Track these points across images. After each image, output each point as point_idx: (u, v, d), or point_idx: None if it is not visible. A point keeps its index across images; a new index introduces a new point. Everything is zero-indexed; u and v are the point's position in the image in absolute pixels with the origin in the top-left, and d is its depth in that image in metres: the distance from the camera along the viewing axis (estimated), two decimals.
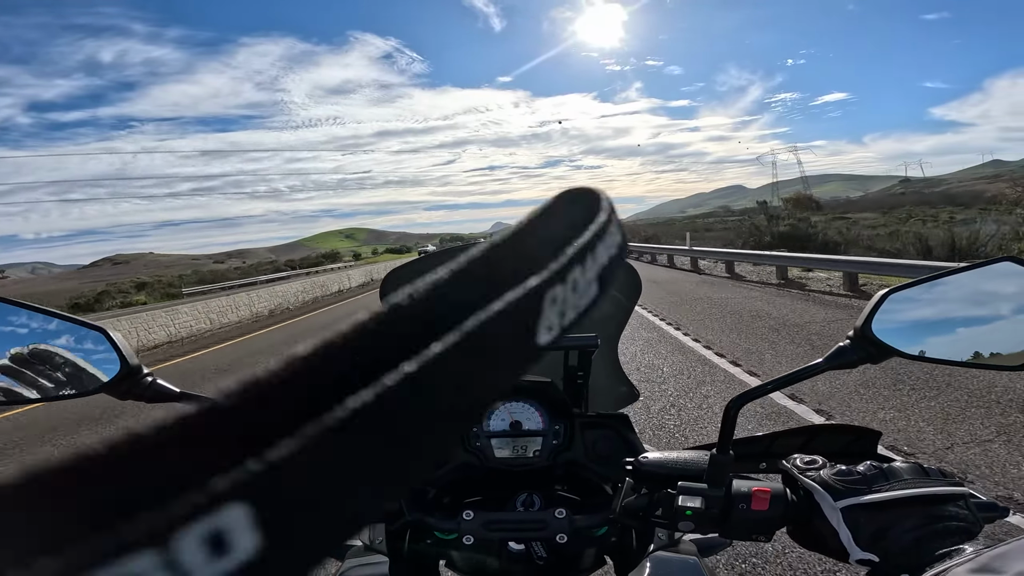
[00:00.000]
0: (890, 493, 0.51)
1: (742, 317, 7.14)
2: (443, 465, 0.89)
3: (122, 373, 0.57)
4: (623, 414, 0.92)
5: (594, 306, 0.16)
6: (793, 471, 0.60)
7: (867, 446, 0.76)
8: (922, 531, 0.48)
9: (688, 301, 9.00)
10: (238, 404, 0.11)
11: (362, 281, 24.67)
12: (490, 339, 0.13)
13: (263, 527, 0.10)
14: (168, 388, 0.61)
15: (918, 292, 0.54)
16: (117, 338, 0.57)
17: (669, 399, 4.18)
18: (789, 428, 0.79)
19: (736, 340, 5.87)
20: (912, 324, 0.54)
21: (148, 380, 0.60)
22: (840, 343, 0.57)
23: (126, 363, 0.57)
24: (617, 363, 1.06)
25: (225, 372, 7.36)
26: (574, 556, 0.83)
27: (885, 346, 0.54)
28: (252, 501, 0.10)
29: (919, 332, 0.54)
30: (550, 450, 0.88)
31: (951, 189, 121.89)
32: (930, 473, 0.53)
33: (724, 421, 0.60)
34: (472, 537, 0.74)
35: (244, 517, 0.10)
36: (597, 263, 0.16)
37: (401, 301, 0.13)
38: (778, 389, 0.58)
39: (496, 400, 0.89)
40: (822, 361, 0.56)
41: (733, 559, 2.56)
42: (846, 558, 0.52)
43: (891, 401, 3.75)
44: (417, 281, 0.13)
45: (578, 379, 0.95)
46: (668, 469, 0.65)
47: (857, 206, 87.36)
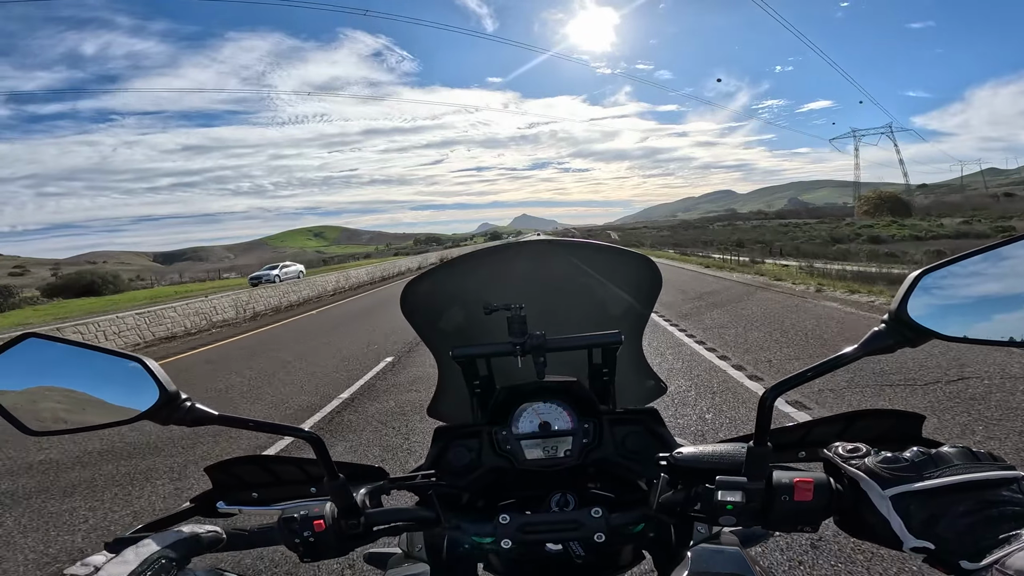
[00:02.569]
0: (941, 480, 0.50)
1: None
2: (475, 469, 0.90)
3: (162, 400, 0.59)
4: (652, 408, 0.91)
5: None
6: (836, 460, 0.59)
7: (910, 430, 0.74)
8: (977, 516, 0.47)
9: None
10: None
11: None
12: None
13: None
14: (207, 411, 0.62)
15: (954, 271, 0.52)
16: (154, 366, 0.59)
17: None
18: (825, 416, 0.78)
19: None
20: (950, 304, 0.52)
21: (187, 405, 0.61)
22: (875, 328, 0.55)
23: (165, 391, 0.59)
24: (642, 357, 1.05)
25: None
26: (612, 554, 0.83)
27: (922, 328, 0.52)
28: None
29: (958, 312, 0.52)
30: (580, 449, 0.87)
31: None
32: (980, 457, 0.51)
33: (760, 412, 0.59)
34: (510, 541, 0.75)
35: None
36: None
37: None
38: (815, 377, 0.56)
39: (523, 402, 0.89)
40: (858, 347, 0.55)
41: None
42: (899, 546, 0.51)
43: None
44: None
45: (603, 376, 0.95)
46: (705, 463, 0.65)
47: (949, 208, 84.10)
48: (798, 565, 2.42)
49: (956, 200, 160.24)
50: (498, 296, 0.88)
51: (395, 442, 4.43)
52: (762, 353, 6.47)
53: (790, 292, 11.96)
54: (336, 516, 0.67)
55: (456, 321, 1.02)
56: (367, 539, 0.70)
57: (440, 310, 1.02)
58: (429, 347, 1.04)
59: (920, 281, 0.52)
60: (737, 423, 4.23)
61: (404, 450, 4.21)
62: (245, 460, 0.86)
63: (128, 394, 0.59)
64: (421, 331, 1.02)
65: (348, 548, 0.69)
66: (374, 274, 31.51)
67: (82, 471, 4.44)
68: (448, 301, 1.01)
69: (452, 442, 0.91)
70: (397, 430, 4.73)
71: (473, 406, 0.99)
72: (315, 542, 0.65)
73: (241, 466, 0.86)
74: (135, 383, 0.59)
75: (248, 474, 0.86)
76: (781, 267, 19.59)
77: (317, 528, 0.64)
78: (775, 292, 12.21)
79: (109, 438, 5.15)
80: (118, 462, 4.56)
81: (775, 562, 2.46)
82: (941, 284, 0.52)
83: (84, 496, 3.91)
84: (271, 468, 0.86)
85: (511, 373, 0.95)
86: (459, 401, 1.03)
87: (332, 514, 0.66)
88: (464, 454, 0.90)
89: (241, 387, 7.07)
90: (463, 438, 0.91)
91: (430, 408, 1.09)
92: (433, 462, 0.90)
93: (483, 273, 1.02)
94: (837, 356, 0.56)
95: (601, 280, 1.00)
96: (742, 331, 7.92)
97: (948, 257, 0.53)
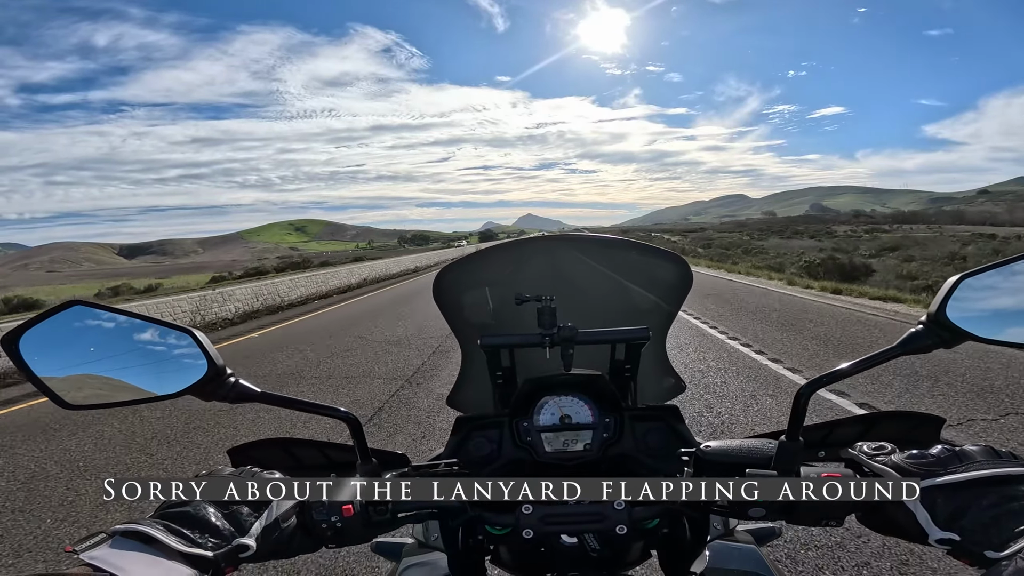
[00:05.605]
0: (968, 474, 0.52)
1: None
2: (495, 460, 0.90)
3: (209, 375, 0.59)
4: (673, 405, 0.93)
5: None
6: (862, 458, 0.61)
7: (930, 432, 0.76)
8: (1000, 509, 0.49)
9: None
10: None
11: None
12: None
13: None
14: (251, 388, 0.62)
15: (993, 276, 0.54)
16: (203, 339, 0.58)
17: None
18: (848, 417, 0.80)
19: None
20: (988, 308, 0.54)
21: (232, 381, 0.61)
22: (912, 328, 0.57)
23: (213, 364, 0.58)
24: (664, 354, 1.07)
25: None
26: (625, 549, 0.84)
27: (959, 330, 0.54)
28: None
29: (995, 316, 0.54)
30: (601, 443, 0.88)
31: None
32: (1002, 455, 0.54)
33: (795, 407, 0.60)
34: (532, 531, 0.75)
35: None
36: None
37: None
38: (853, 374, 0.58)
39: (545, 395, 0.90)
40: (896, 346, 0.57)
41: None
42: (924, 539, 0.53)
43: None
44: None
45: (626, 372, 0.96)
46: (734, 457, 0.66)
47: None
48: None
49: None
50: (526, 288, 0.89)
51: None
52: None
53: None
54: (364, 502, 0.66)
55: (483, 312, 1.03)
56: (393, 525, 0.70)
57: (469, 299, 1.03)
58: (456, 334, 1.04)
59: (959, 285, 0.54)
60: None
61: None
62: (268, 443, 0.85)
63: (172, 367, 0.59)
64: (450, 318, 1.03)
65: (372, 535, 0.68)
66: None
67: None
68: (477, 291, 1.02)
69: (473, 432, 0.92)
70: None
71: (494, 397, 1.00)
72: (342, 528, 0.63)
73: (263, 449, 0.85)
74: (180, 356, 0.59)
75: (269, 458, 0.85)
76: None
77: (345, 513, 0.63)
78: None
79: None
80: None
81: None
82: (980, 288, 0.54)
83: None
84: (293, 452, 0.86)
85: (532, 365, 0.96)
86: (480, 391, 1.03)
87: (361, 499, 0.66)
88: (485, 444, 0.91)
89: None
90: (484, 428, 0.92)
91: (450, 398, 1.09)
92: (453, 451, 0.91)
93: (511, 265, 1.03)
94: (875, 354, 0.57)
95: (631, 276, 1.01)
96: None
97: (988, 263, 0.55)
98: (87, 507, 3.43)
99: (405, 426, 4.67)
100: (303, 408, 0.66)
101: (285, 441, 0.85)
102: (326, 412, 0.67)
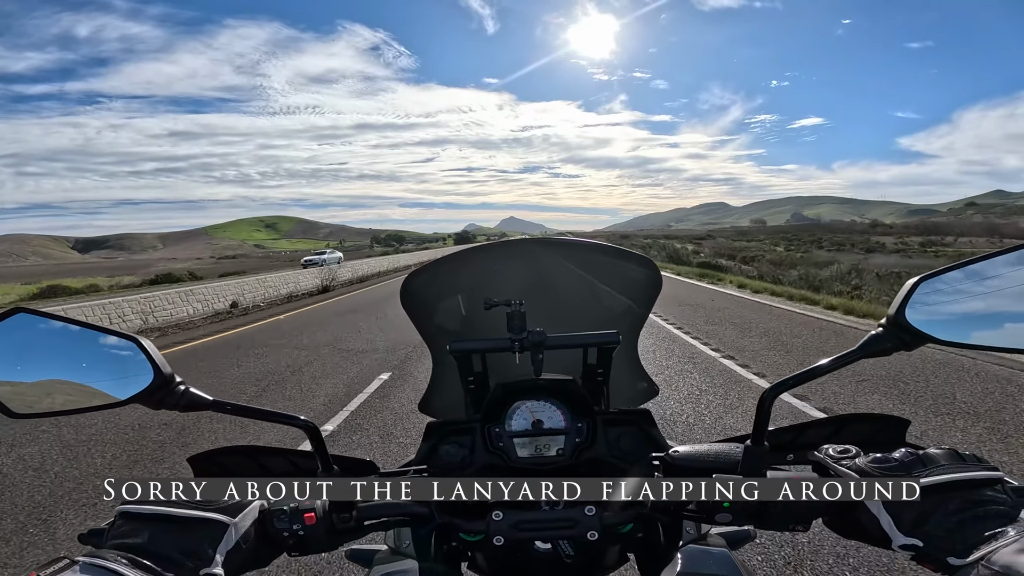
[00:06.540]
0: (931, 479, 0.51)
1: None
2: (467, 466, 0.89)
3: (156, 383, 0.57)
4: (645, 410, 0.92)
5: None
6: (827, 461, 0.60)
7: (895, 434, 0.76)
8: (964, 515, 0.48)
9: None
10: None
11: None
12: None
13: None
14: (202, 397, 0.61)
15: (952, 278, 0.54)
16: (150, 347, 0.57)
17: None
18: (815, 419, 0.79)
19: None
20: (947, 310, 0.53)
21: (181, 389, 0.59)
22: (873, 331, 0.57)
23: (160, 373, 0.57)
24: (636, 358, 1.06)
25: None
26: (600, 554, 0.83)
27: (919, 333, 0.53)
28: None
29: (954, 318, 0.53)
30: (573, 448, 0.87)
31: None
32: (966, 459, 0.53)
33: (759, 412, 0.60)
34: (502, 538, 0.74)
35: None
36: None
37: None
38: (813, 378, 0.58)
39: (517, 400, 0.89)
40: (856, 349, 0.56)
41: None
42: (888, 544, 0.52)
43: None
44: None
45: (598, 376, 0.95)
46: (702, 462, 0.65)
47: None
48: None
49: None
50: (497, 292, 0.88)
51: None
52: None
53: None
54: (328, 509, 0.65)
55: (454, 316, 1.02)
56: (358, 534, 0.69)
57: (439, 304, 1.02)
58: (426, 340, 1.03)
59: (918, 287, 0.54)
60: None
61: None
62: (231, 450, 0.84)
63: (120, 375, 0.57)
64: (419, 324, 1.02)
65: (338, 543, 0.67)
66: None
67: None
68: (447, 295, 1.01)
69: (444, 438, 0.91)
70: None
71: (466, 402, 0.99)
72: (305, 536, 0.63)
73: (227, 456, 0.83)
74: (128, 364, 0.57)
75: (234, 465, 0.84)
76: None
77: (308, 521, 0.62)
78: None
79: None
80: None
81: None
82: (938, 291, 0.54)
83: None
84: (258, 459, 0.84)
85: (505, 370, 0.95)
86: (452, 397, 1.02)
87: (324, 507, 0.65)
88: (456, 450, 0.90)
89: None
90: (455, 434, 0.91)
91: (421, 404, 1.08)
92: (424, 457, 0.89)
93: (482, 269, 1.02)
94: (836, 358, 0.57)
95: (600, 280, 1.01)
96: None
97: (946, 265, 0.54)
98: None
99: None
100: (259, 416, 0.64)
101: (250, 449, 0.84)
102: (283, 420, 0.65)
